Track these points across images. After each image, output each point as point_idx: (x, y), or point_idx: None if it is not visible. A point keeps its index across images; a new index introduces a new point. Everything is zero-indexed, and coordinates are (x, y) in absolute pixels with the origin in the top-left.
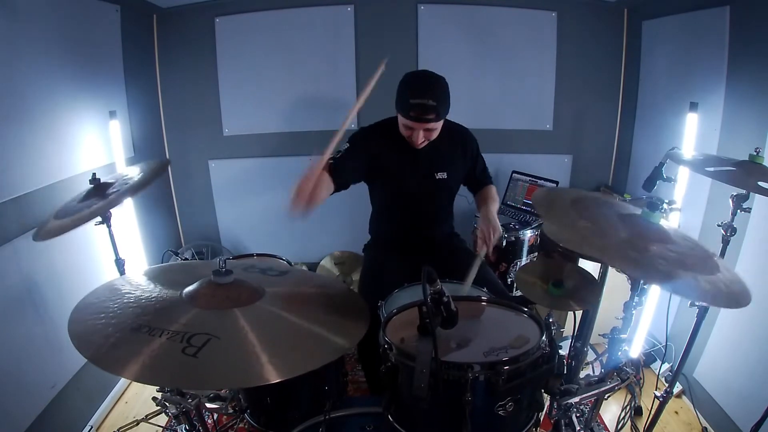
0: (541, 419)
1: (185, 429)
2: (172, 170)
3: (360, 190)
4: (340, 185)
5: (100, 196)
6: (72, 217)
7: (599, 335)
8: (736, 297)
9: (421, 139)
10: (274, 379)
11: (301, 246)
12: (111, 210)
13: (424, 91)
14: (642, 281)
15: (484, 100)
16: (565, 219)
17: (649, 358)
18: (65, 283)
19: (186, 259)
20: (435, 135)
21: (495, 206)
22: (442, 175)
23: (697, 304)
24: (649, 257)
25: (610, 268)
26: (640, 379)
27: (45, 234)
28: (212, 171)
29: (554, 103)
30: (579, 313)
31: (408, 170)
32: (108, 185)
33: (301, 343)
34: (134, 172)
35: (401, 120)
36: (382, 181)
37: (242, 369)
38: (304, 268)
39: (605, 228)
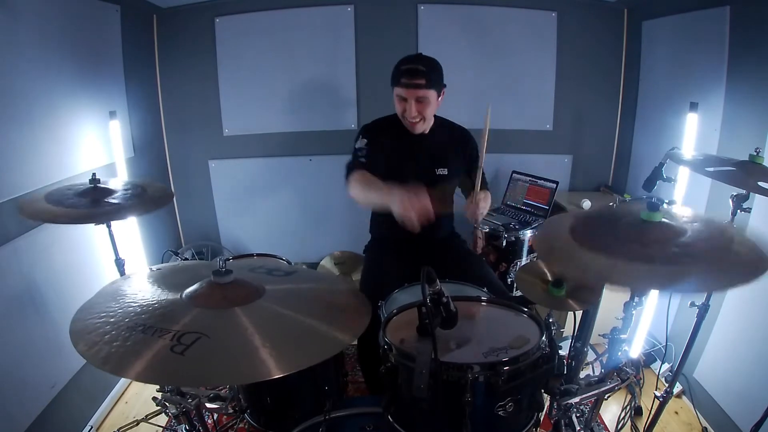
0: (541, 419)
1: (185, 429)
2: (172, 170)
3: None
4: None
5: (96, 200)
6: (64, 208)
7: (599, 335)
8: (752, 269)
9: (414, 113)
10: (265, 377)
11: (301, 246)
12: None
13: (414, 59)
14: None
15: (484, 100)
16: (567, 254)
17: (649, 358)
18: (65, 283)
19: (186, 259)
20: (429, 112)
21: (486, 201)
22: (442, 171)
23: (697, 304)
24: (654, 269)
25: None
26: (640, 379)
27: (31, 213)
28: (212, 171)
29: (554, 103)
30: (579, 313)
31: (408, 164)
32: (108, 192)
33: (300, 338)
34: (135, 189)
35: (396, 93)
36: (383, 176)
37: (232, 366)
38: (305, 267)
39: (607, 248)
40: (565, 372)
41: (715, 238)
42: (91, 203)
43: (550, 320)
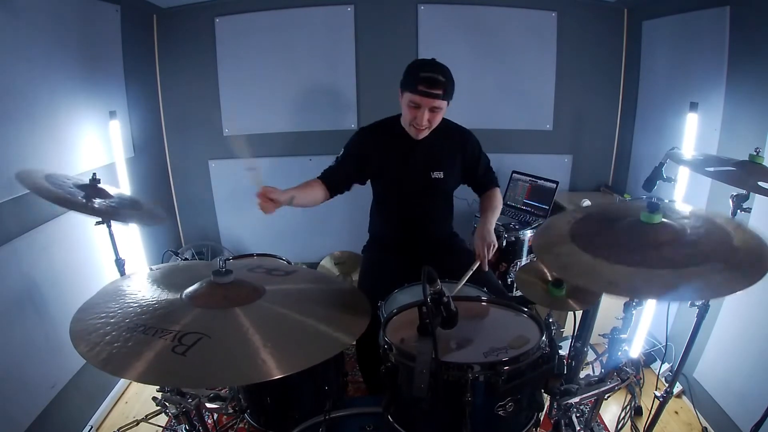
0: (541, 419)
1: (185, 429)
2: (172, 170)
3: (360, 190)
4: (334, 191)
5: (90, 197)
6: (61, 190)
7: (599, 335)
8: (755, 267)
9: (425, 121)
10: (266, 378)
11: (301, 246)
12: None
13: (434, 68)
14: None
15: (484, 100)
16: (568, 258)
17: (649, 358)
18: (65, 283)
19: (186, 259)
20: (437, 120)
21: (494, 217)
22: (438, 175)
23: (697, 304)
24: (656, 275)
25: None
26: (640, 379)
27: (30, 184)
28: (212, 171)
29: (554, 103)
30: (579, 313)
31: (403, 169)
32: (105, 194)
33: (301, 339)
34: (134, 200)
35: (408, 98)
36: (379, 180)
37: (233, 367)
38: (304, 267)
39: (608, 252)
40: (565, 372)
41: (715, 233)
42: (85, 198)
43: (550, 320)
